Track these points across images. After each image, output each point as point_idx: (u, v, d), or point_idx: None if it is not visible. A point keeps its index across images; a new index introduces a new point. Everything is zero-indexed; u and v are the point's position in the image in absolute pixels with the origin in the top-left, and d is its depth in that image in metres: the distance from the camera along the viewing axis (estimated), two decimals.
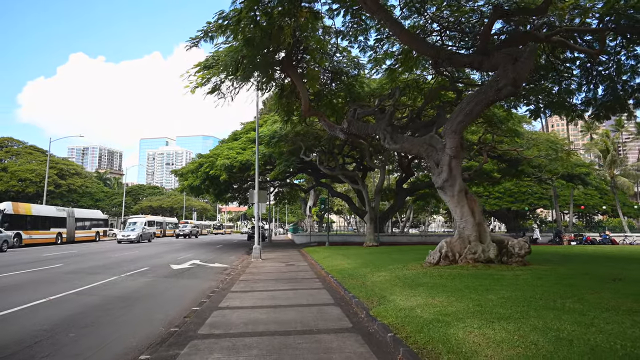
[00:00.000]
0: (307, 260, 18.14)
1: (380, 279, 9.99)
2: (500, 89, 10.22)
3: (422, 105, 17.79)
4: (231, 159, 25.30)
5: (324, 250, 23.03)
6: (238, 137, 29.60)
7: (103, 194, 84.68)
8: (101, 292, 9.84)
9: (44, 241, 31.22)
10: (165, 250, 24.93)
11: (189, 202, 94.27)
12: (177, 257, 19.82)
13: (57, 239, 32.49)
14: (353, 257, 16.63)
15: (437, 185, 11.61)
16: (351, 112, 15.60)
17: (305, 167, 32.58)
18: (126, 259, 18.71)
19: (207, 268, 15.81)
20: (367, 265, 13.17)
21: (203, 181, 27.69)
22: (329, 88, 20.03)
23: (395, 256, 15.94)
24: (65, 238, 34.00)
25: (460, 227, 11.29)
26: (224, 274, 14.14)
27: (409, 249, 21.44)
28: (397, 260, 14.19)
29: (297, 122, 21.90)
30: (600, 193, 55.15)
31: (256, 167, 19.98)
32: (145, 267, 15.07)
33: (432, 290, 7.98)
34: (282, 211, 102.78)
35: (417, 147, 13.11)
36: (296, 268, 15.13)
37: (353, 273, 11.68)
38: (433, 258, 11.06)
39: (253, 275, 12.95)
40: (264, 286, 10.59)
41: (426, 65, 18.14)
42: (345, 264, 14.37)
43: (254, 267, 15.85)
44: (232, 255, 22.60)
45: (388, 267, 11.92)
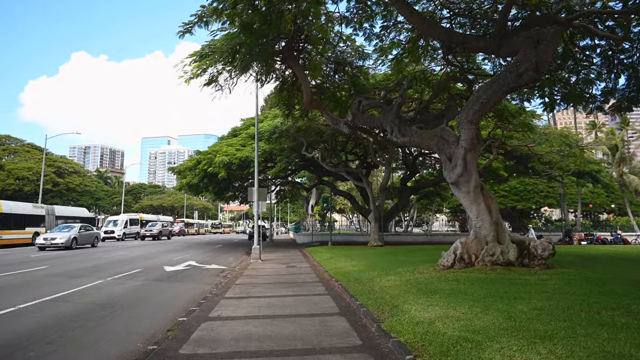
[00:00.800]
0: (309, 262, 17.21)
1: (389, 284, 9.05)
2: (521, 75, 9.25)
3: (430, 97, 16.83)
4: (230, 155, 24.37)
5: (327, 250, 22.10)
6: (237, 134, 28.67)
7: (103, 193, 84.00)
8: (82, 298, 8.92)
9: (18, 242, 28.24)
10: (162, 251, 24.03)
11: (190, 201, 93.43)
12: (173, 258, 18.90)
13: (33, 239, 28.78)
14: (358, 258, 15.69)
15: (451, 181, 10.65)
16: (356, 104, 14.67)
17: (307, 164, 31.66)
18: (119, 259, 17.81)
19: (203, 270, 14.89)
20: (374, 268, 12.23)
21: (201, 179, 26.77)
22: (332, 80, 19.08)
23: (403, 257, 14.99)
24: None
25: (476, 227, 10.34)
26: (220, 276, 13.22)
27: (416, 249, 20.49)
28: (406, 262, 13.24)
29: (299, 117, 20.97)
30: (606, 191, 54.01)
31: (256, 163, 19.04)
32: (136, 269, 14.15)
33: (451, 299, 7.03)
34: (284, 210, 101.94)
35: (427, 140, 12.16)
36: (297, 270, 14.20)
37: (359, 276, 10.74)
38: (447, 260, 10.11)
39: (251, 279, 12.02)
40: (262, 291, 9.66)
41: (434, 56, 17.19)
42: (349, 266, 13.43)
43: (252, 269, 14.93)
44: (230, 256, 21.68)
45: (397, 270, 10.97)
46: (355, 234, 39.45)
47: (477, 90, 10.31)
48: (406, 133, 12.65)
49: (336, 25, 15.66)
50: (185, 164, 28.66)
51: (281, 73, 18.44)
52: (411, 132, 12.63)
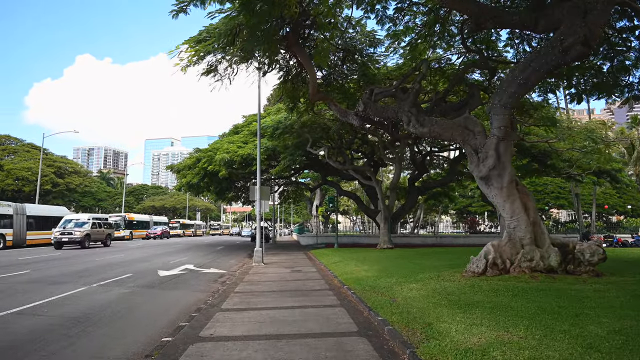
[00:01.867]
0: (316, 265, 15.91)
1: (414, 294, 7.72)
2: (567, 50, 7.93)
3: (449, 86, 15.51)
4: (231, 153, 23.09)
5: (333, 253, 20.78)
6: (239, 131, 27.39)
7: (105, 194, 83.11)
8: (54, 310, 7.64)
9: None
10: (159, 253, 22.76)
11: (192, 202, 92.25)
12: (169, 261, 17.64)
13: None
14: (369, 262, 14.37)
15: (481, 175, 9.32)
16: (367, 93, 13.36)
17: (312, 163, 30.37)
18: (111, 262, 16.56)
19: (200, 275, 13.61)
20: (390, 274, 10.90)
21: (202, 178, 25.49)
22: (340, 71, 17.81)
23: (419, 261, 13.65)
24: (10, 241, 26.36)
25: (510, 227, 9.00)
26: (219, 282, 11.93)
27: (429, 252, 19.14)
28: (424, 267, 11.90)
29: (304, 111, 19.70)
30: (619, 192, 52.38)
31: (258, 158, 17.77)
32: (127, 274, 12.88)
33: (497, 315, 5.71)
34: (287, 211, 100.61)
35: (449, 130, 10.85)
36: (303, 275, 12.89)
37: (375, 284, 9.42)
38: (477, 266, 8.78)
39: (252, 286, 10.72)
40: (264, 301, 8.36)
41: (451, 43, 15.88)
42: (362, 271, 12.11)
43: (254, 273, 13.64)
44: (232, 258, 20.40)
45: (417, 277, 9.65)
46: (361, 236, 38.12)
47: (512, 71, 8.99)
48: (425, 123, 11.34)
49: (345, 8, 14.44)
50: (184, 162, 27.37)
51: (285, 63, 17.18)
52: (431, 122, 11.32)
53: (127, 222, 46.36)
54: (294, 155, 22.76)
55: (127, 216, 47.45)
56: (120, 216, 45.89)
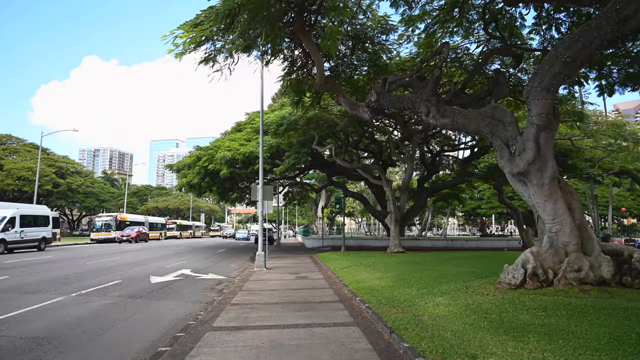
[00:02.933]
0: (322, 271, 14.65)
1: (443, 312, 6.45)
2: (625, 20, 6.65)
3: (469, 76, 14.20)
4: (233, 151, 21.88)
5: (341, 256, 19.50)
6: (242, 128, 26.17)
7: (109, 195, 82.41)
8: (17, 327, 6.44)
9: None
10: (156, 256, 21.59)
11: (196, 203, 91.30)
12: (166, 265, 16.45)
13: None
14: (381, 269, 13.09)
15: (517, 171, 8.03)
16: (380, 82, 12.12)
17: (317, 163, 29.16)
18: (102, 267, 15.38)
19: (197, 281, 12.40)
20: (408, 283, 9.62)
21: (202, 178, 24.30)
22: (349, 62, 16.58)
23: (438, 268, 12.35)
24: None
25: (551, 232, 7.70)
26: (215, 290, 10.72)
27: (445, 257, 17.81)
28: (445, 275, 10.60)
29: (309, 105, 18.48)
30: (633, 194, 50.74)
31: (260, 154, 16.56)
32: (115, 281, 11.68)
33: (560, 346, 4.44)
34: (292, 213, 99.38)
35: (474, 121, 9.57)
36: (309, 283, 11.64)
37: (392, 296, 8.16)
38: (513, 277, 7.48)
39: (252, 295, 9.49)
40: (264, 317, 7.12)
41: (470, 30, 14.62)
42: (375, 279, 10.83)
43: (255, 280, 12.42)
44: (232, 262, 19.18)
45: (441, 288, 8.37)
46: (368, 238, 36.84)
47: (555, 48, 7.71)
48: (447, 113, 10.08)
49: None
50: (184, 161, 26.14)
51: (290, 53, 15.99)
52: (453, 112, 10.05)
53: (119, 223, 42.91)
54: (299, 153, 21.52)
55: (119, 216, 44.05)
56: (111, 216, 42.91)
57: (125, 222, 44.30)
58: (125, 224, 43.98)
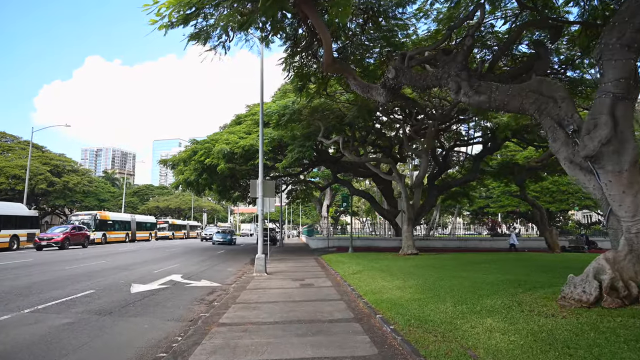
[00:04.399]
0: (331, 277, 12.92)
1: (502, 343, 4.70)
2: None
3: (498, 54, 12.39)
4: (231, 144, 20.18)
5: (349, 259, 17.75)
6: (242, 121, 24.48)
7: (110, 194, 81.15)
8: None
9: None
10: (147, 259, 19.85)
11: (198, 203, 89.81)
12: (154, 270, 14.76)
13: None
14: (399, 275, 11.33)
15: (584, 154, 6.26)
16: (398, 58, 10.38)
17: (322, 158, 27.43)
18: (81, 273, 13.67)
19: (185, 290, 10.70)
20: (438, 295, 7.86)
21: (200, 174, 22.59)
22: (359, 41, 14.83)
23: (466, 274, 10.57)
24: None
25: (630, 233, 5.93)
26: (205, 302, 9.02)
27: (466, 260, 16.02)
28: (479, 283, 8.83)
29: (314, 92, 16.72)
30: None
31: (260, 141, 14.86)
32: (87, 291, 9.98)
33: None
34: (296, 212, 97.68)
35: (517, 98, 7.82)
36: (316, 293, 9.91)
37: (424, 315, 6.41)
38: (585, 292, 5.72)
39: (247, 310, 7.77)
40: (258, 346, 5.40)
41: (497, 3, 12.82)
42: (394, 289, 9.08)
43: (253, 288, 10.70)
44: (230, 266, 17.49)
45: (484, 303, 6.62)
46: (376, 239, 35.09)
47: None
48: (482, 89, 8.33)
49: None
50: (179, 156, 24.38)
51: (292, 31, 14.28)
52: (489, 87, 8.30)
53: (99, 222, 36.99)
54: (304, 147, 19.79)
55: (99, 214, 37.89)
56: (90, 214, 36.80)
57: (106, 221, 38.98)
58: (107, 223, 39.03)
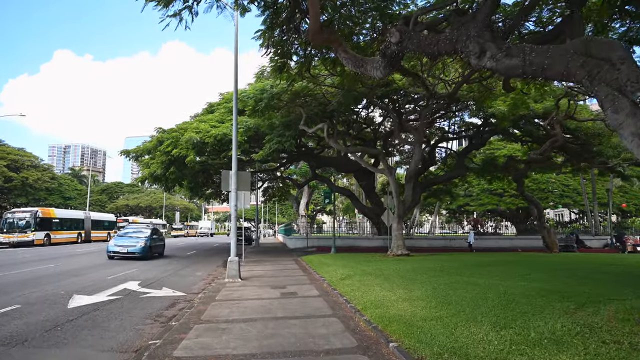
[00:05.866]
0: (316, 283, 11.06)
1: None
2: None
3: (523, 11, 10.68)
4: (202, 132, 18.04)
5: (334, 260, 15.95)
6: (214, 109, 22.26)
7: (76, 192, 77.16)
8: None
9: None
10: (103, 263, 17.40)
11: (170, 201, 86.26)
12: (108, 276, 12.54)
13: None
14: (398, 281, 9.56)
15: None
16: (401, 22, 8.61)
17: (302, 153, 25.61)
18: (17, 280, 11.35)
19: (140, 302, 8.64)
20: (464, 312, 6.10)
21: (167, 167, 20.35)
22: (348, 12, 13.03)
23: (482, 281, 8.87)
24: None
25: None
26: (160, 321, 7.03)
27: (470, 262, 14.46)
28: (507, 294, 7.15)
29: (296, 74, 14.81)
30: (621, 191, 49.14)
31: (234, 125, 12.86)
32: (11, 306, 7.77)
33: None
34: (272, 211, 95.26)
35: (561, 60, 6.21)
36: (302, 305, 8.03)
37: (459, 345, 4.62)
38: None
39: (212, 335, 5.81)
40: None
41: None
42: (400, 302, 7.27)
43: (224, 299, 8.74)
44: (200, 269, 15.41)
45: (537, 326, 4.90)
46: (358, 238, 33.45)
47: None
48: (513, 51, 6.66)
49: None
50: (143, 146, 21.84)
51: None
52: (522, 50, 6.64)
53: (41, 221, 31.15)
54: (283, 137, 17.85)
55: (41, 212, 31.94)
56: (29, 212, 31.22)
57: (51, 219, 33.09)
58: (52, 221, 33.22)
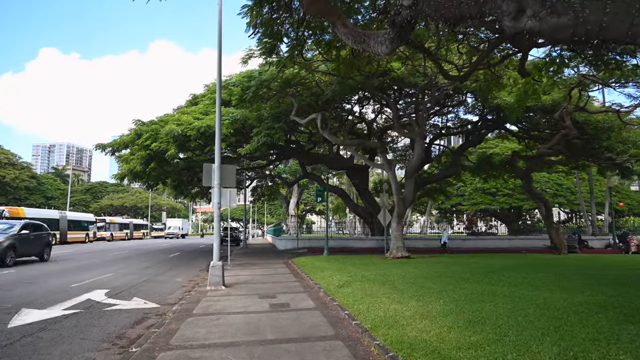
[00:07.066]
0: (311, 291, 9.65)
1: None
2: None
3: None
4: (184, 125, 16.51)
5: (328, 264, 14.57)
6: (198, 101, 20.71)
7: (59, 192, 74.77)
8: None
9: None
10: (73, 267, 15.73)
11: (156, 201, 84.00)
12: (73, 283, 10.96)
13: None
14: (408, 290, 8.20)
15: None
16: None
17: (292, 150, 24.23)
18: None
19: (100, 318, 7.14)
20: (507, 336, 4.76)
21: (147, 162, 18.74)
22: None
23: (506, 290, 7.54)
24: None
25: None
26: (120, 344, 5.57)
27: (483, 264, 13.21)
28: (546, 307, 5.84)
29: (287, 57, 13.40)
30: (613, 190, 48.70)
31: (217, 110, 11.40)
32: None
33: None
34: (261, 211, 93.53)
35: (625, 17, 4.89)
36: (297, 322, 6.61)
37: None
38: None
39: None
40: None
41: None
42: (418, 318, 5.90)
43: (203, 313, 7.29)
44: (181, 274, 13.90)
45: None
46: (350, 239, 32.13)
47: None
48: (559, 8, 5.33)
49: None
50: (120, 139, 20.04)
51: None
52: (571, 6, 5.32)
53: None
54: (272, 129, 16.39)
55: (7, 211, 28.94)
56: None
57: (20, 219, 29.01)
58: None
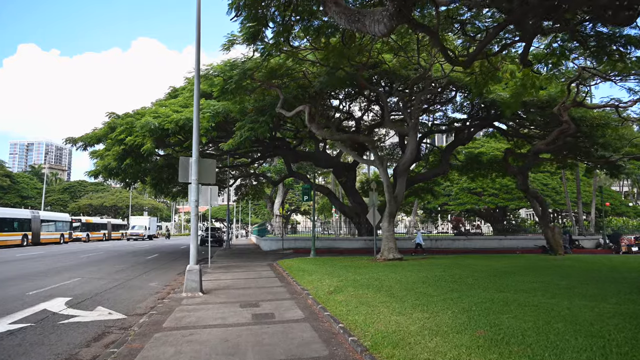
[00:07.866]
0: (299, 298, 8.68)
1: None
2: None
3: None
4: (162, 117, 15.35)
5: (315, 266, 13.62)
6: (178, 94, 19.54)
7: (35, 191, 72.35)
8: None
9: None
10: (36, 271, 14.46)
11: (137, 200, 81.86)
12: (29, 291, 9.74)
13: None
14: (408, 297, 7.32)
15: None
16: None
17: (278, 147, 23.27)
18: None
19: (51, 335, 6.05)
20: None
21: (122, 158, 17.45)
22: None
23: (521, 299, 6.72)
24: None
25: None
26: None
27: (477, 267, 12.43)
28: (578, 322, 5.01)
29: (273, 44, 12.40)
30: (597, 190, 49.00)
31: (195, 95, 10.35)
32: None
33: None
34: (245, 211, 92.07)
35: None
36: (283, 338, 5.63)
37: None
38: None
39: None
40: None
41: None
42: (427, 334, 4.98)
43: (174, 327, 6.25)
44: (156, 278, 12.77)
45: None
46: (337, 239, 31.20)
47: None
48: None
49: None
50: (92, 133, 18.60)
51: None
52: None
53: None
54: (256, 123, 15.35)
55: None
56: None
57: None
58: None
